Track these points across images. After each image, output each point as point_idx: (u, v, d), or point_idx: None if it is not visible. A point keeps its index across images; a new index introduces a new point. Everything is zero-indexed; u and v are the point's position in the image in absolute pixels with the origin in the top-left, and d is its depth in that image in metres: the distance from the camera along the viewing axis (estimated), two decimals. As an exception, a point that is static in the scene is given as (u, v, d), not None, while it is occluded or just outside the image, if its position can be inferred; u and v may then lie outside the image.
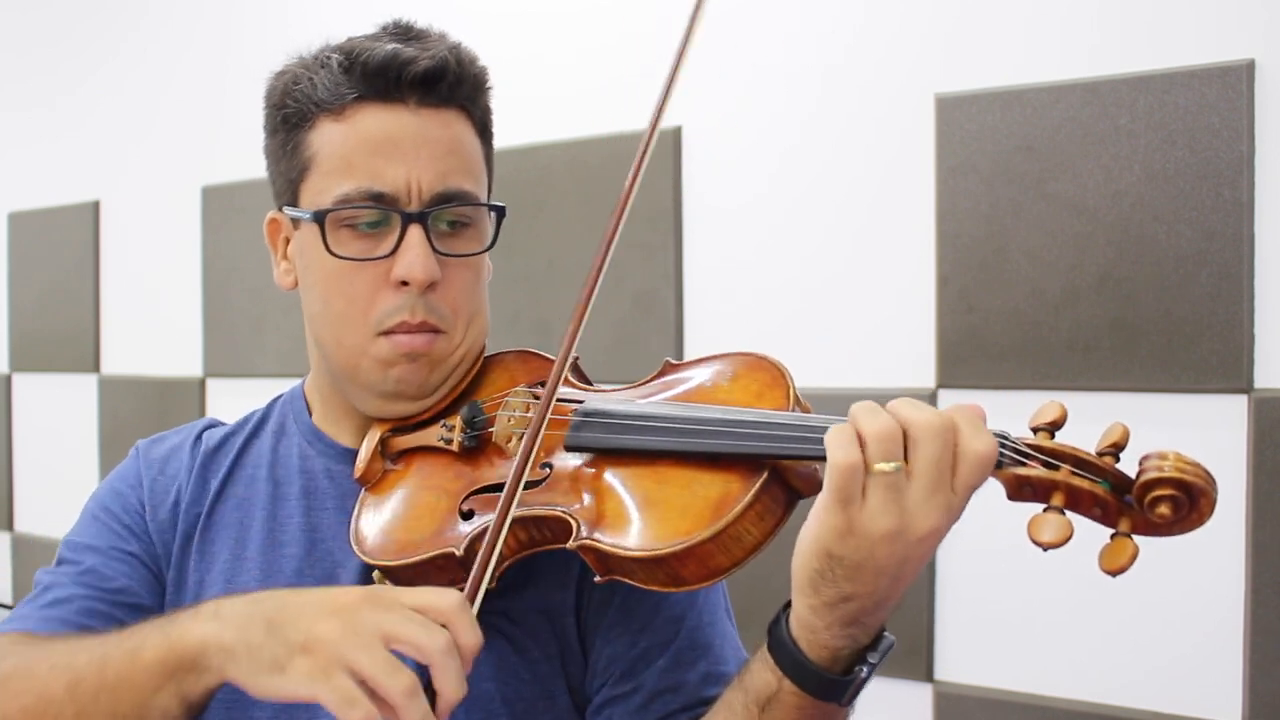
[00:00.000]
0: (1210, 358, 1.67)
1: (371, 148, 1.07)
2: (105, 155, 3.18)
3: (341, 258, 1.08)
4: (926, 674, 1.90)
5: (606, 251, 1.00)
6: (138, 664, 0.92)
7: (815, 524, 0.85)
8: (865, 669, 0.88)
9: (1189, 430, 1.69)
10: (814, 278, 2.03)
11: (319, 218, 1.08)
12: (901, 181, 1.93)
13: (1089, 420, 1.83)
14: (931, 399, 1.89)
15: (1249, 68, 1.64)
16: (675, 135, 2.16)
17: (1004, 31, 1.85)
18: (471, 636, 0.87)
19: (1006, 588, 1.83)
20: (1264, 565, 1.64)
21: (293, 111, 1.10)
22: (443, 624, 0.87)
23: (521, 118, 2.33)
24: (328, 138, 1.09)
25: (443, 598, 0.88)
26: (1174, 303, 1.69)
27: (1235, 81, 1.65)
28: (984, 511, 0.88)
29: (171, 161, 3.00)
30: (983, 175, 1.84)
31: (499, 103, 1.17)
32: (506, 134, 2.32)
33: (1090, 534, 0.84)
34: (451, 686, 0.86)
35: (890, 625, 0.89)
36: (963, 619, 1.88)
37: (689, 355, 2.16)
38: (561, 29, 2.33)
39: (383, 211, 1.07)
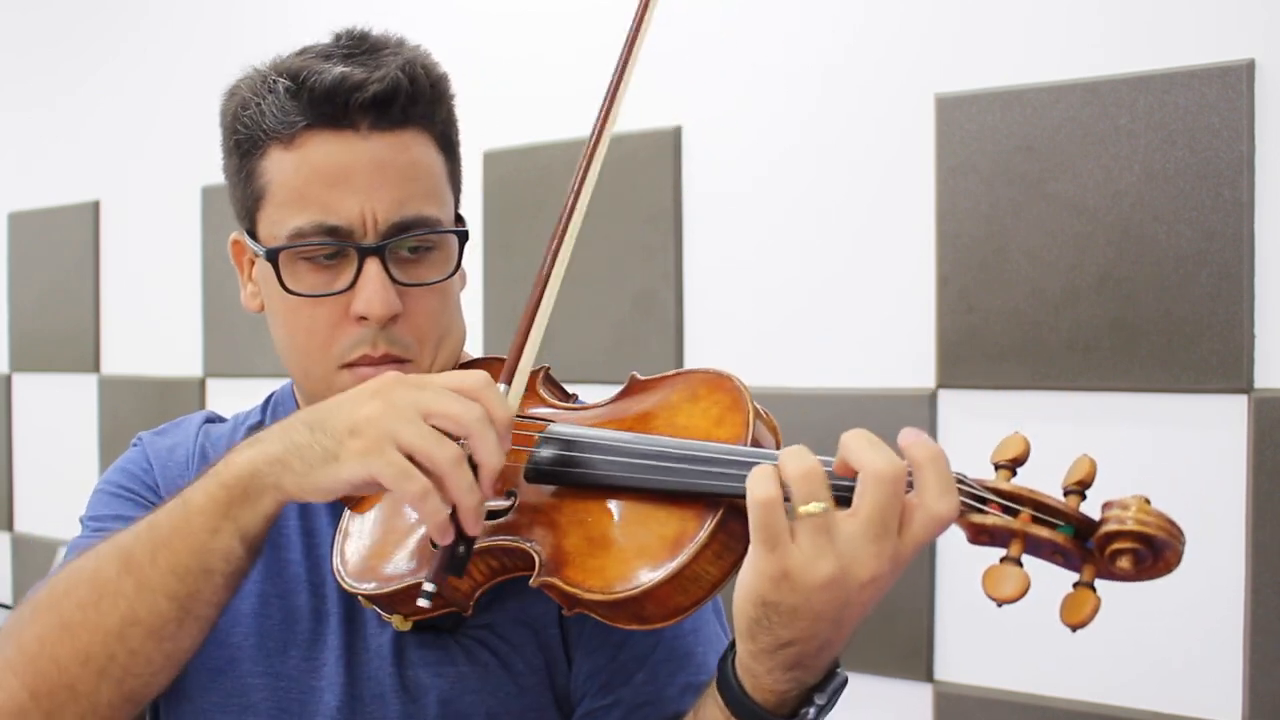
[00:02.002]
0: (1210, 358, 1.67)
1: (323, 179, 1.03)
2: (105, 155, 3.18)
3: (299, 294, 1.05)
4: (926, 674, 1.90)
5: (550, 269, 1.01)
6: (190, 511, 0.92)
7: (748, 570, 0.81)
8: (812, 710, 0.85)
9: (1189, 430, 1.69)
10: (814, 278, 2.03)
11: (271, 256, 1.05)
12: (901, 181, 1.93)
13: (1089, 420, 1.84)
14: (931, 399, 1.89)
15: (1249, 68, 1.64)
16: (675, 135, 2.16)
17: (1004, 31, 1.85)
18: (503, 409, 0.89)
19: (1006, 588, 1.83)
20: (1264, 565, 1.64)
21: (244, 138, 1.07)
22: (474, 399, 0.88)
23: (521, 118, 2.33)
24: (279, 167, 1.04)
25: (472, 376, 0.90)
26: (1174, 303, 1.69)
27: (1235, 81, 1.65)
28: (984, 511, 0.88)
29: (171, 161, 3.00)
30: (983, 175, 1.84)
31: (499, 103, 1.16)
32: (506, 134, 2.34)
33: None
34: (491, 455, 0.87)
35: (890, 625, 0.89)
36: (963, 619, 1.88)
37: (689, 355, 2.16)
38: (561, 29, 2.33)
39: (338, 245, 1.03)
